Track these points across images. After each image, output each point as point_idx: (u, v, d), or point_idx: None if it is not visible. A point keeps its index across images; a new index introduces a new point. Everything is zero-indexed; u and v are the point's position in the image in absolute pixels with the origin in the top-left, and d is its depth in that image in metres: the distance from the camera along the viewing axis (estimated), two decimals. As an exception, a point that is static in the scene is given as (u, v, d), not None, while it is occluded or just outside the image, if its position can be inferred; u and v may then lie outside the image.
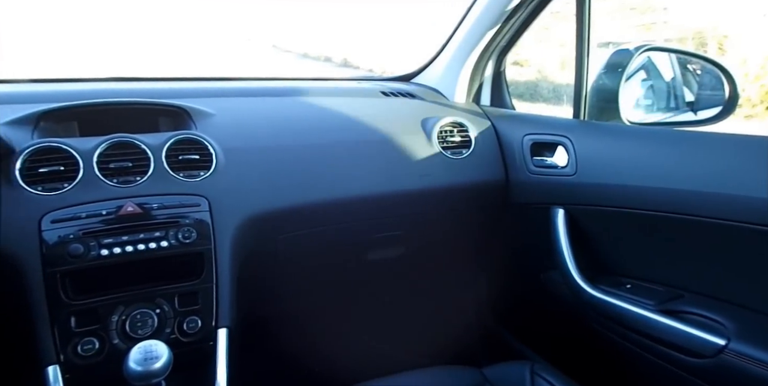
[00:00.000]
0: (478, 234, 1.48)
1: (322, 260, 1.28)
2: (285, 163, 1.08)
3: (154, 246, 0.88)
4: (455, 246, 1.46)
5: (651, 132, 1.08)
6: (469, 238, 1.47)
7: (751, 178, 0.85)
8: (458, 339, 1.52)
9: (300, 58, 8.29)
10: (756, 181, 0.84)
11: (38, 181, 0.86)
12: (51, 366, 0.79)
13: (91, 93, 1.07)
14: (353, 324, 1.47)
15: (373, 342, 1.43)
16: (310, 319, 1.42)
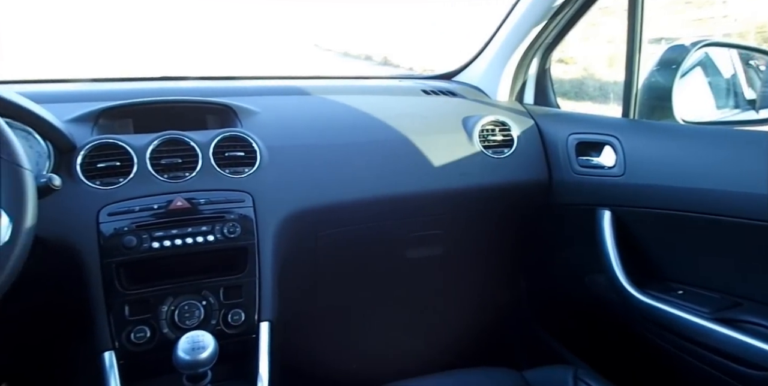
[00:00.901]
0: (518, 235, 1.45)
1: (361, 257, 1.29)
2: (326, 161, 1.09)
3: (201, 240, 0.91)
4: (495, 245, 1.44)
5: (707, 131, 1.03)
6: (510, 238, 1.45)
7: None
8: (496, 340, 1.50)
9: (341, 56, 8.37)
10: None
11: (96, 175, 0.90)
12: (107, 352, 0.83)
13: (144, 91, 1.12)
14: (389, 322, 1.47)
15: (409, 341, 1.43)
16: (347, 316, 1.43)
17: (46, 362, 1.17)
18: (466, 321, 1.47)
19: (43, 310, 0.94)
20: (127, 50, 6.14)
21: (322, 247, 1.16)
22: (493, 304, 1.60)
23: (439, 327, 1.50)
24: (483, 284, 1.54)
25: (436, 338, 1.47)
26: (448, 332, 1.47)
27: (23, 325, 0.89)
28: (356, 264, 1.30)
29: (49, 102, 0.92)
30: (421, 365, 1.04)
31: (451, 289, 1.51)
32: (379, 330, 1.46)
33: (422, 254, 1.34)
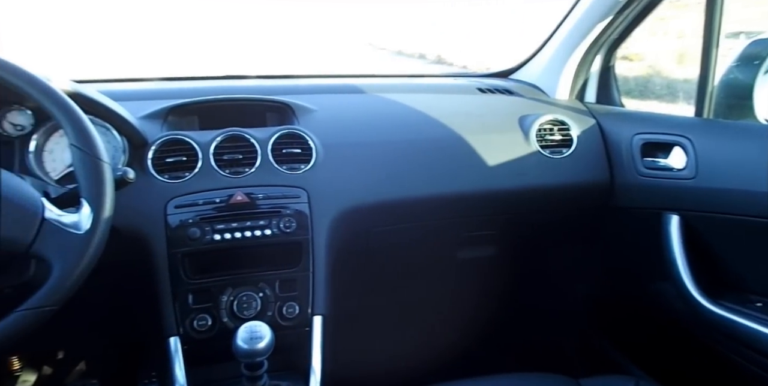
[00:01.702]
0: (577, 238, 1.40)
1: (413, 255, 1.29)
2: (381, 158, 1.10)
3: (259, 234, 0.94)
4: (551, 248, 1.40)
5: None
6: (568, 241, 1.40)
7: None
8: (550, 345, 1.46)
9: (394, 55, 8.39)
10: None
11: (165, 169, 0.95)
12: (173, 337, 0.88)
13: (208, 90, 1.16)
14: (438, 322, 1.46)
15: (458, 342, 1.42)
16: (396, 314, 1.43)
17: (117, 344, 1.26)
18: (518, 324, 1.43)
19: (115, 296, 1.00)
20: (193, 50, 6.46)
21: (374, 244, 1.17)
22: (548, 308, 1.55)
23: (489, 329, 1.47)
24: (537, 287, 1.50)
25: (486, 340, 1.45)
26: (499, 335, 1.44)
27: (97, 309, 0.95)
28: (407, 262, 1.30)
29: (124, 100, 0.97)
30: (470, 367, 1.03)
31: (502, 291, 1.48)
32: (427, 330, 1.46)
33: (474, 254, 1.32)
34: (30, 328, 0.62)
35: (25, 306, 0.62)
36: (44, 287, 0.63)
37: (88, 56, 5.10)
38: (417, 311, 1.45)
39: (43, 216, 0.64)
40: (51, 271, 0.63)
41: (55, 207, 0.67)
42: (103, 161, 0.70)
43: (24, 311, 0.62)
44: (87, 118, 0.71)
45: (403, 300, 1.43)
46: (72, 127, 0.69)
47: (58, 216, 0.66)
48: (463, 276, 1.39)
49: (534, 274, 1.46)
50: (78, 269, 0.64)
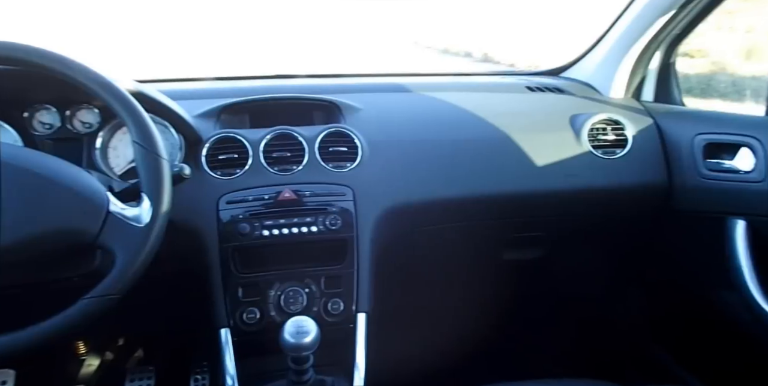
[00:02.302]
0: (630, 242, 1.34)
1: (456, 255, 1.27)
2: (426, 157, 1.09)
3: (305, 231, 0.96)
4: (603, 252, 1.35)
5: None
6: (621, 246, 1.35)
7: None
8: (600, 352, 1.41)
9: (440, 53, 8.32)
10: None
11: (218, 166, 0.98)
12: (224, 329, 0.91)
13: (259, 89, 1.19)
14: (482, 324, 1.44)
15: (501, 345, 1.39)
16: (439, 314, 1.43)
17: (172, 333, 1.31)
18: (566, 328, 1.39)
19: (171, 288, 1.05)
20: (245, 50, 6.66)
21: (419, 243, 1.17)
22: (598, 314, 1.50)
23: (534, 332, 1.44)
24: (587, 292, 1.45)
25: (530, 344, 1.42)
26: (544, 338, 1.40)
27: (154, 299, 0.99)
28: (452, 263, 1.29)
29: (180, 99, 1.01)
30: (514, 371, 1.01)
31: (550, 294, 1.44)
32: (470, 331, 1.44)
33: (520, 256, 1.29)
34: (96, 315, 0.66)
35: (91, 293, 0.66)
36: (109, 276, 0.67)
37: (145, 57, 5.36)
38: (459, 311, 1.43)
39: (108, 210, 0.68)
40: (114, 262, 0.67)
41: (118, 201, 0.71)
42: (162, 158, 0.73)
43: (91, 298, 0.66)
44: (148, 117, 0.74)
45: (445, 299, 1.42)
46: (135, 125, 0.72)
47: (122, 209, 0.70)
48: (508, 277, 1.37)
49: (583, 278, 1.41)
50: (139, 260, 0.68)
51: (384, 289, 1.03)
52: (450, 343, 1.34)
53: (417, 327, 1.36)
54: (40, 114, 0.94)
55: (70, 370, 1.33)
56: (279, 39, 8.21)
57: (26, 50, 0.70)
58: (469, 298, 1.42)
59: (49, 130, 0.94)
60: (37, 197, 0.65)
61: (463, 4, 10.76)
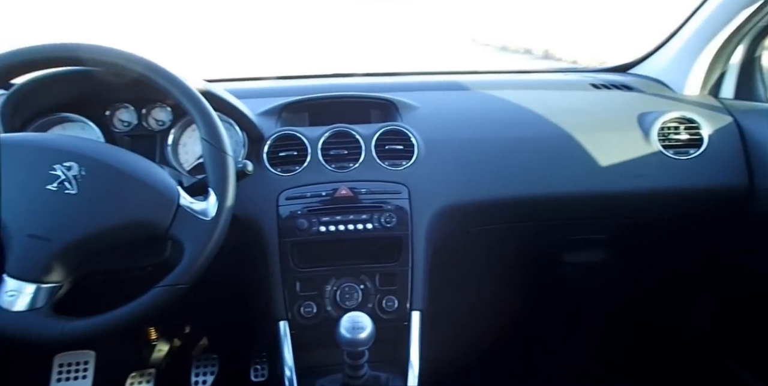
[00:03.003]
0: (704, 248, 1.26)
1: (514, 257, 1.25)
2: (483, 156, 1.08)
3: (361, 228, 0.97)
4: (672, 257, 1.27)
5: None
6: (692, 251, 1.27)
7: None
8: (666, 363, 1.33)
9: (498, 51, 8.16)
10: None
11: (278, 163, 1.01)
12: (282, 322, 0.93)
13: (318, 88, 1.22)
14: (539, 326, 1.40)
15: (560, 347, 1.35)
16: (493, 315, 1.40)
17: (234, 324, 1.37)
18: (627, 333, 1.33)
19: (234, 280, 1.09)
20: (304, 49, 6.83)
21: (474, 243, 1.15)
22: (666, 323, 1.42)
23: (593, 336, 1.38)
24: (654, 298, 1.38)
25: (589, 348, 1.36)
26: (604, 343, 1.34)
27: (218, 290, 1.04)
28: (508, 264, 1.26)
29: (244, 97, 1.05)
30: (570, 375, 0.97)
31: (611, 298, 1.38)
32: (525, 333, 1.41)
33: (581, 259, 1.24)
34: (167, 303, 0.70)
35: (163, 282, 0.70)
36: (178, 267, 0.70)
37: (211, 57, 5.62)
38: (515, 312, 1.40)
39: (178, 203, 0.72)
40: (183, 253, 0.71)
41: (187, 195, 0.74)
42: (228, 155, 0.76)
43: (162, 287, 0.70)
44: (216, 115, 0.78)
45: (500, 300, 1.40)
46: (204, 122, 0.76)
47: (190, 203, 0.73)
48: (568, 280, 1.32)
49: (650, 284, 1.34)
50: (206, 252, 0.71)
51: (438, 288, 1.02)
52: (504, 344, 1.31)
53: (471, 327, 1.34)
54: (119, 112, 1.00)
55: (143, 354, 1.42)
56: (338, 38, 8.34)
57: (112, 53, 0.74)
58: (525, 300, 1.39)
59: (127, 127, 1.00)
60: (117, 190, 0.70)
61: (523, 1, 10.48)
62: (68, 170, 0.68)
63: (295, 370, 0.90)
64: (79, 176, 0.68)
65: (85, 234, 0.68)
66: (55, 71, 0.84)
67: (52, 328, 0.67)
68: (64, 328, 0.67)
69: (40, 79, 0.87)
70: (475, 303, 1.37)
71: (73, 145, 0.72)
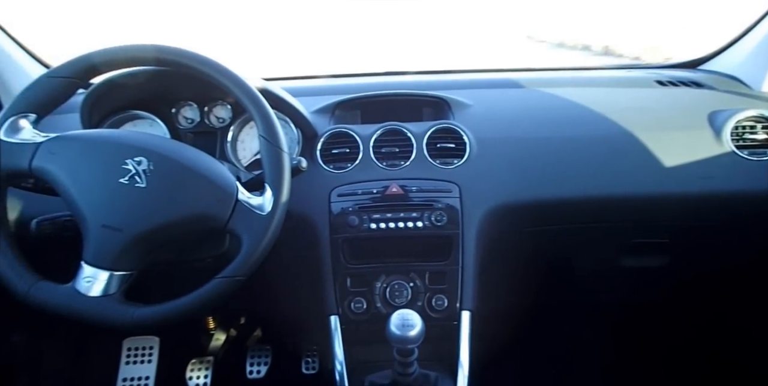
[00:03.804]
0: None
1: (568, 259, 1.21)
2: (539, 155, 1.05)
3: (411, 226, 0.97)
4: (746, 265, 1.19)
5: None
6: (763, 258, 1.18)
7: None
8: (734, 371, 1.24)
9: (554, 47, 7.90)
10: None
11: (330, 160, 1.03)
12: (333, 316, 0.95)
13: (370, 86, 1.23)
14: (594, 331, 1.35)
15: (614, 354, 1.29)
16: (546, 318, 1.36)
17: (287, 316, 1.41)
18: (694, 347, 1.25)
19: (287, 274, 1.12)
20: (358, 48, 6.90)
21: (526, 244, 1.13)
22: (740, 336, 1.32)
23: (653, 343, 1.31)
24: (723, 309, 1.29)
25: (645, 354, 1.30)
26: (663, 350, 1.27)
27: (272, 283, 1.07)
28: (562, 266, 1.22)
29: (298, 95, 1.07)
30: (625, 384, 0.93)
31: (674, 304, 1.30)
32: (578, 337, 1.36)
33: (641, 263, 1.18)
34: (225, 294, 0.73)
35: (222, 274, 0.73)
36: (236, 259, 0.73)
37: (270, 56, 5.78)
38: (568, 317, 1.36)
39: (237, 198, 0.74)
40: (241, 246, 0.73)
41: (245, 190, 0.77)
42: (284, 151, 0.78)
43: (221, 278, 0.72)
44: (273, 113, 0.80)
45: (553, 303, 1.36)
46: (262, 120, 0.78)
47: (248, 198, 0.75)
48: (627, 285, 1.26)
49: (719, 293, 1.25)
50: (262, 245, 0.73)
51: (489, 289, 1.00)
52: (557, 349, 1.28)
53: (523, 330, 1.31)
54: (184, 110, 1.06)
55: (202, 342, 1.49)
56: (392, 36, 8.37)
57: (184, 54, 0.78)
58: (580, 303, 1.34)
59: (190, 124, 1.05)
60: (181, 185, 0.73)
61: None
62: (138, 165, 0.72)
63: (345, 365, 0.91)
64: (148, 170, 0.72)
65: (153, 226, 0.72)
66: (129, 71, 0.90)
67: (123, 314, 0.71)
68: (134, 314, 0.71)
69: (115, 78, 0.93)
70: (528, 305, 1.33)
71: (143, 141, 0.76)
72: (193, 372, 1.45)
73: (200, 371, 1.46)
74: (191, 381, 1.44)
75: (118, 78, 0.93)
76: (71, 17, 7.37)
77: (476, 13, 11.12)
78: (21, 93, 0.76)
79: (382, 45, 7.25)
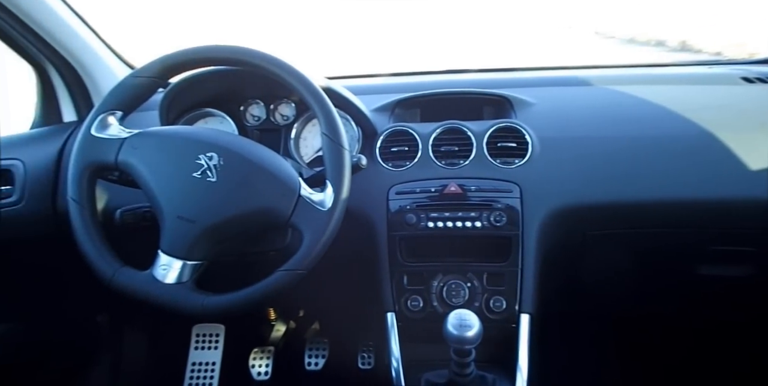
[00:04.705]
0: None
1: (636, 265, 1.14)
2: (605, 155, 1.01)
3: (469, 225, 0.96)
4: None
5: None
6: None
7: None
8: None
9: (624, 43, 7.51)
10: None
11: (389, 158, 1.04)
12: (390, 313, 0.96)
13: (430, 84, 1.22)
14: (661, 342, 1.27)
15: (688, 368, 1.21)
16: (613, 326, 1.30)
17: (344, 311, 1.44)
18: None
19: (344, 269, 1.14)
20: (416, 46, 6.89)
21: (591, 248, 1.08)
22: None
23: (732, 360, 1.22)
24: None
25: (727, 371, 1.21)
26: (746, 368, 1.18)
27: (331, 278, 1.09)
28: (629, 272, 1.16)
29: (359, 94, 1.09)
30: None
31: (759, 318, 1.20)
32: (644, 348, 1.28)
33: (721, 273, 1.10)
34: (287, 286, 0.75)
35: (284, 267, 0.75)
36: (297, 254, 0.75)
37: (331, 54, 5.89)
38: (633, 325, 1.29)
39: (299, 194, 0.77)
40: (302, 241, 0.75)
41: (307, 186, 0.79)
42: (345, 149, 0.80)
43: (283, 271, 0.75)
44: (336, 111, 0.82)
45: (619, 311, 1.29)
46: (324, 118, 0.80)
47: (309, 194, 0.78)
48: (702, 295, 1.18)
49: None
50: (322, 241, 0.75)
51: (550, 292, 0.98)
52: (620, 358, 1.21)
53: (585, 337, 1.26)
54: (251, 107, 1.10)
55: (263, 332, 1.56)
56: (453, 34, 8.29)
57: (254, 54, 0.81)
58: (649, 313, 1.27)
59: (257, 121, 1.10)
60: (248, 180, 0.77)
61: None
62: (210, 160, 0.77)
63: (401, 362, 0.92)
64: (218, 165, 0.76)
65: (222, 219, 0.76)
66: (202, 71, 0.95)
67: (194, 301, 0.75)
68: (204, 302, 0.75)
69: (190, 78, 0.98)
70: (591, 311, 1.28)
71: (214, 137, 0.80)
72: (256, 361, 1.52)
73: (262, 360, 1.52)
74: (253, 370, 1.50)
75: (193, 77, 0.98)
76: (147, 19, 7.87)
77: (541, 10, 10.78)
78: (109, 92, 0.82)
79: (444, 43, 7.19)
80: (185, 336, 1.53)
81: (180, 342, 1.52)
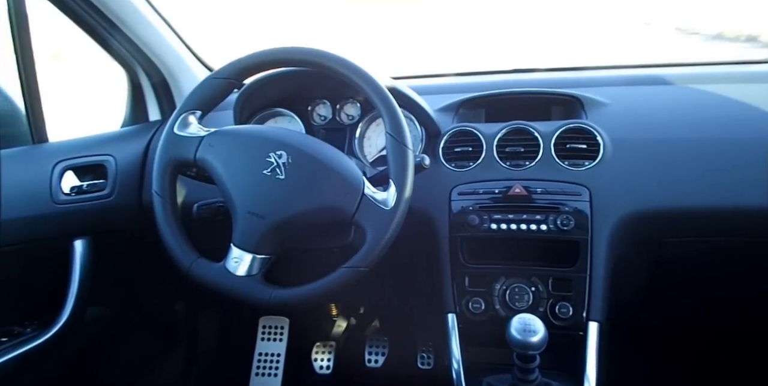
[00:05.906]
0: None
1: (718, 276, 1.07)
2: (682, 158, 0.95)
3: (534, 228, 0.93)
4: None
5: None
6: None
7: None
8: None
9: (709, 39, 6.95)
10: None
11: (452, 158, 1.03)
12: (450, 314, 0.95)
13: (496, 84, 1.21)
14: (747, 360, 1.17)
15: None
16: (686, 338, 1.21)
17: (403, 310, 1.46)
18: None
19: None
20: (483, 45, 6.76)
21: (667, 256, 1.02)
22: None
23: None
24: None
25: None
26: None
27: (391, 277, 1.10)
28: (710, 283, 1.08)
29: (424, 94, 1.09)
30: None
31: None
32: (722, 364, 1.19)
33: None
34: (349, 283, 0.77)
35: (347, 264, 0.77)
36: (360, 251, 0.77)
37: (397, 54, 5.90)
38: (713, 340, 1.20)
39: (363, 192, 0.78)
40: (365, 238, 0.77)
41: (371, 185, 0.80)
42: (409, 149, 0.80)
43: (346, 268, 0.77)
44: (400, 111, 0.83)
45: (697, 322, 1.21)
46: (390, 118, 0.81)
47: (373, 193, 0.79)
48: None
49: None
50: (385, 239, 0.76)
51: (622, 300, 0.93)
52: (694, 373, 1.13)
53: (659, 349, 1.19)
54: (318, 107, 1.14)
55: (325, 327, 1.60)
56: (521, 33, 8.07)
57: (324, 56, 0.84)
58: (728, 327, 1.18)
59: (323, 121, 1.13)
60: (315, 178, 0.79)
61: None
62: (279, 158, 0.80)
63: (462, 364, 0.91)
64: (287, 163, 0.79)
65: (289, 215, 0.79)
66: (273, 72, 0.99)
67: (263, 293, 0.79)
68: (271, 295, 0.78)
69: (262, 79, 1.03)
70: (665, 323, 1.21)
71: (283, 136, 0.84)
72: (318, 355, 1.56)
73: (324, 354, 1.56)
74: (316, 363, 1.55)
75: (265, 78, 1.02)
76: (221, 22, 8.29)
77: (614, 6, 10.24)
78: (190, 93, 0.87)
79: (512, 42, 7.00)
80: (253, 328, 1.60)
81: (248, 333, 1.59)
